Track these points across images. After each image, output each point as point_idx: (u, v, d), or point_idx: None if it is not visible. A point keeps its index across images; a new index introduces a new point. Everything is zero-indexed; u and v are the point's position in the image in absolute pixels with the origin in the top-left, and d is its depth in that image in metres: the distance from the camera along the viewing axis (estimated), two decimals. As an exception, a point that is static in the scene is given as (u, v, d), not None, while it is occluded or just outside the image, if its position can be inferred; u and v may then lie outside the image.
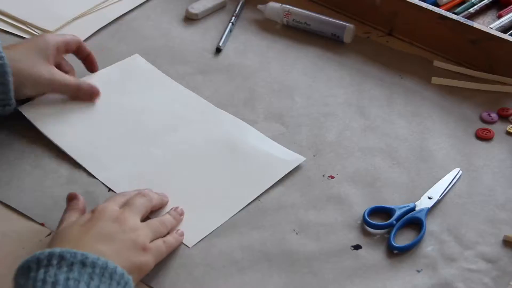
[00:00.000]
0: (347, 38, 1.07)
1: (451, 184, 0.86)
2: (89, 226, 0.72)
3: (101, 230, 0.71)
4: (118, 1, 1.13)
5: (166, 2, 1.15)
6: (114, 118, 0.93)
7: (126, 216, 0.74)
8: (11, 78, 0.85)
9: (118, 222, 0.73)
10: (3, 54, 0.84)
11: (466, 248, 0.80)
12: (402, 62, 1.05)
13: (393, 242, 0.79)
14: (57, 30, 1.05)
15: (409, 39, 1.09)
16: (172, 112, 0.94)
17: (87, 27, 1.07)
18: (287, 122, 0.94)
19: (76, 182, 0.85)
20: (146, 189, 0.81)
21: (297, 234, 0.81)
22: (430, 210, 0.83)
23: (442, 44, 1.05)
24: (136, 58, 1.02)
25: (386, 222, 0.81)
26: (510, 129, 0.94)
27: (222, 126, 0.93)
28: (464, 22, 1.02)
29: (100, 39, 1.06)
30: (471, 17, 1.10)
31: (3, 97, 0.85)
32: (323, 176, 0.87)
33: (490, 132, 0.94)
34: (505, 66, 1.01)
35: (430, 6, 1.05)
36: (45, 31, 1.05)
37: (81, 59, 0.97)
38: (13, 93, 0.86)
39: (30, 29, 1.06)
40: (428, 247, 0.79)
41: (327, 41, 1.08)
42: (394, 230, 0.80)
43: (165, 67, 1.01)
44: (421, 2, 1.06)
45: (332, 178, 0.87)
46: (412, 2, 1.06)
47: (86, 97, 0.93)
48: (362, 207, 0.83)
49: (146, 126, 0.92)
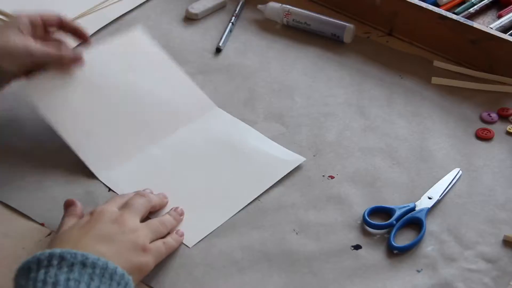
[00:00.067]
0: (347, 38, 1.07)
1: (451, 184, 0.86)
2: (88, 228, 0.72)
3: (100, 231, 0.71)
4: (118, 1, 1.13)
5: (166, 2, 1.15)
6: (114, 107, 0.90)
7: (125, 217, 0.74)
8: None
9: (117, 223, 0.73)
10: None
11: (466, 248, 0.80)
12: (402, 62, 1.05)
13: (393, 242, 0.79)
14: (57, 30, 1.05)
15: (409, 39, 1.09)
16: (171, 106, 0.93)
17: (87, 27, 1.06)
18: (287, 122, 0.94)
19: (76, 182, 0.85)
20: (146, 189, 0.81)
21: (297, 234, 0.81)
22: (430, 210, 0.83)
23: (442, 44, 1.05)
24: (138, 31, 0.96)
25: (386, 222, 0.81)
26: (510, 129, 0.94)
27: (222, 126, 0.93)
28: (464, 22, 1.02)
29: (100, 39, 1.05)
30: (471, 17, 1.10)
31: None
32: (323, 176, 0.87)
33: (490, 132, 0.94)
34: (505, 66, 1.01)
35: (430, 6, 1.05)
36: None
37: (70, 34, 0.92)
38: None
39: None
40: (428, 247, 0.79)
41: (327, 41, 1.08)
42: (394, 230, 0.80)
43: (165, 67, 1.01)
44: (421, 2, 1.06)
45: (332, 178, 0.87)
46: (412, 2, 1.06)
47: (70, 65, 0.88)
48: (362, 207, 0.83)
49: (146, 122, 0.90)
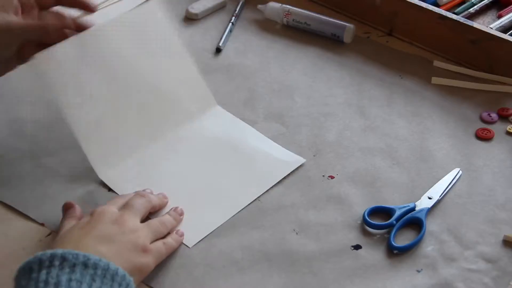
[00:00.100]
0: (347, 38, 1.07)
1: (451, 184, 0.86)
2: (88, 228, 0.72)
3: (101, 232, 0.71)
4: (118, 1, 1.13)
5: (166, 2, 1.14)
6: (122, 96, 0.87)
7: (125, 217, 0.74)
8: None
9: (117, 224, 0.73)
10: None
11: (466, 248, 0.80)
12: (402, 62, 1.05)
13: (393, 242, 0.79)
14: (57, 30, 1.05)
15: (409, 39, 1.09)
16: (176, 100, 0.92)
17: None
18: (287, 122, 0.94)
19: (76, 182, 0.84)
20: (146, 189, 0.81)
21: (297, 234, 0.81)
22: (430, 210, 0.83)
23: (442, 44, 1.05)
24: (154, 3, 0.92)
25: (386, 222, 0.81)
26: (510, 129, 0.94)
27: (223, 126, 0.93)
28: (464, 22, 1.02)
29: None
30: (471, 17, 1.10)
31: None
32: (323, 176, 0.87)
33: (490, 132, 0.94)
34: (505, 66, 1.01)
35: (430, 6, 1.05)
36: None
37: (73, 7, 0.85)
38: None
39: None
40: (428, 247, 0.79)
41: (327, 41, 1.08)
42: (394, 230, 0.80)
43: (165, 67, 1.01)
44: (421, 2, 1.06)
45: (332, 178, 0.87)
46: (412, 2, 1.06)
47: (56, 37, 0.81)
48: (362, 207, 0.83)
49: (149, 117, 0.89)
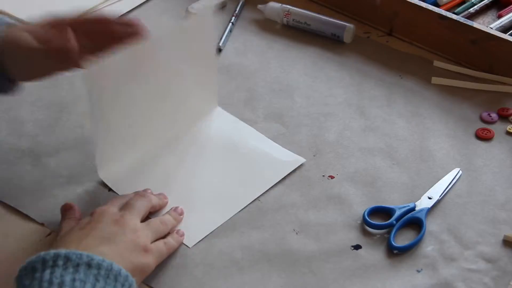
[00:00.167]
0: (347, 38, 1.07)
1: (451, 184, 0.86)
2: (89, 229, 0.72)
3: (101, 232, 0.71)
4: (118, 1, 1.13)
5: (166, 2, 1.15)
6: (144, 99, 0.84)
7: (126, 218, 0.74)
8: None
9: (118, 224, 0.73)
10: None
11: (466, 248, 0.80)
12: (402, 62, 1.05)
13: (393, 242, 0.79)
14: (57, 30, 1.05)
15: (409, 39, 1.09)
16: (184, 103, 0.90)
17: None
18: (287, 122, 0.94)
19: (76, 182, 0.84)
20: (146, 189, 0.81)
21: (297, 234, 0.81)
22: (430, 210, 0.83)
23: (442, 44, 1.05)
24: (208, 15, 0.88)
25: (386, 222, 0.81)
26: (510, 129, 0.94)
27: (223, 126, 0.93)
28: (464, 22, 1.02)
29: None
30: (471, 17, 1.10)
31: None
32: (323, 176, 0.87)
33: (490, 132, 0.94)
34: (505, 66, 1.01)
35: (430, 6, 1.05)
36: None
37: (112, 35, 0.76)
38: None
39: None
40: (428, 247, 0.79)
41: (327, 41, 1.08)
42: (394, 230, 0.80)
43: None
44: (421, 2, 1.06)
45: (332, 178, 0.87)
46: (412, 2, 1.06)
47: (60, 60, 0.76)
48: (362, 207, 0.83)
49: (158, 119, 0.88)
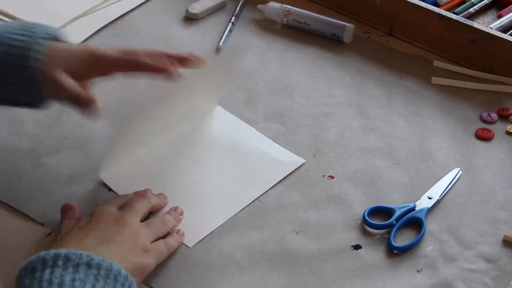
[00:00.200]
0: (347, 38, 1.07)
1: (451, 184, 0.86)
2: (89, 229, 0.72)
3: (101, 233, 0.71)
4: (118, 1, 1.13)
5: (166, 2, 1.15)
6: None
7: (126, 218, 0.74)
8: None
9: (118, 224, 0.73)
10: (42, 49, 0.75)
11: (466, 248, 0.80)
12: (402, 62, 1.05)
13: (393, 242, 0.79)
14: (57, 30, 1.05)
15: (409, 39, 1.09)
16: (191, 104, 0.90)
17: (87, 27, 1.07)
18: (287, 122, 0.94)
19: (76, 182, 0.84)
20: (146, 189, 0.81)
21: (297, 234, 0.81)
22: (430, 210, 0.83)
23: (442, 44, 1.05)
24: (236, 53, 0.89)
25: (386, 222, 0.81)
26: (510, 129, 0.94)
27: (223, 126, 0.93)
28: (464, 22, 1.02)
29: (100, 39, 1.05)
30: (471, 17, 1.10)
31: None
32: (323, 176, 0.87)
33: (490, 132, 0.94)
34: (505, 66, 1.01)
35: (430, 6, 1.05)
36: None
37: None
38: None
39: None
40: (428, 247, 0.79)
41: (327, 41, 1.08)
42: (394, 230, 0.80)
43: (165, 67, 1.01)
44: (421, 2, 1.06)
45: (332, 178, 0.87)
46: (412, 2, 1.06)
47: (80, 108, 0.76)
48: (362, 207, 0.83)
49: (161, 123, 0.87)
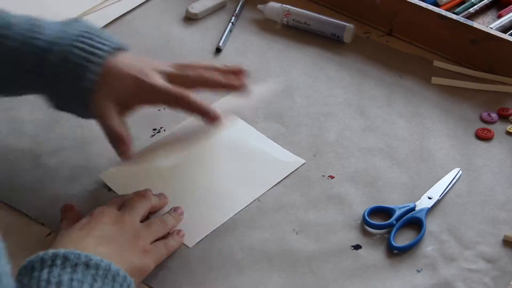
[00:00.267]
0: (347, 38, 1.07)
1: (451, 184, 0.86)
2: (89, 229, 0.72)
3: (101, 233, 0.71)
4: (118, 1, 1.13)
5: (166, 2, 1.15)
6: None
7: (125, 218, 0.74)
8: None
9: (117, 224, 0.73)
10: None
11: (466, 248, 0.80)
12: (402, 62, 1.05)
13: (393, 242, 0.79)
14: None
15: (409, 39, 1.09)
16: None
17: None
18: (287, 122, 0.94)
19: (76, 182, 0.84)
20: (146, 189, 0.81)
21: (297, 234, 0.81)
22: (430, 210, 0.83)
23: (442, 44, 1.05)
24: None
25: (386, 222, 0.81)
26: (510, 129, 0.94)
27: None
28: (464, 22, 1.02)
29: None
30: (471, 17, 1.10)
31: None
32: (323, 176, 0.87)
33: (490, 132, 0.94)
34: (505, 66, 1.01)
35: (430, 6, 1.05)
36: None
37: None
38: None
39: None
40: (428, 247, 0.79)
41: (327, 41, 1.08)
42: (394, 230, 0.80)
43: (165, 67, 1.01)
44: (421, 2, 1.06)
45: (332, 178, 0.87)
46: (412, 2, 1.06)
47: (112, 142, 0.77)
48: (362, 207, 0.83)
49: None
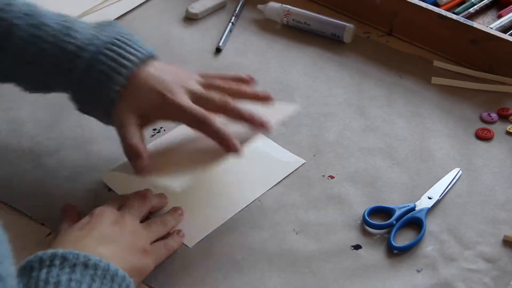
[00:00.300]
0: (347, 38, 1.07)
1: (451, 184, 0.86)
2: (88, 229, 0.72)
3: (100, 233, 0.71)
4: (118, 1, 1.13)
5: (166, 2, 1.15)
6: None
7: (125, 218, 0.74)
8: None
9: (117, 224, 0.73)
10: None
11: (466, 248, 0.80)
12: (402, 62, 1.05)
13: (393, 242, 0.79)
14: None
15: (409, 39, 1.09)
16: None
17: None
18: (287, 122, 0.94)
19: (76, 182, 0.84)
20: (146, 189, 0.81)
21: (297, 234, 0.81)
22: (430, 210, 0.83)
23: (442, 44, 1.05)
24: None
25: (386, 222, 0.81)
26: (510, 129, 0.94)
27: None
28: (464, 22, 1.02)
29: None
30: (471, 17, 1.10)
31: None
32: (323, 176, 0.87)
33: (490, 132, 0.94)
34: (505, 66, 1.01)
35: (430, 6, 1.05)
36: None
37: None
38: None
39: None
40: (428, 247, 0.79)
41: (327, 41, 1.08)
42: (394, 230, 0.80)
43: (165, 67, 1.01)
44: (421, 2, 1.06)
45: (332, 178, 0.87)
46: (412, 2, 1.06)
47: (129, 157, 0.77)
48: (362, 207, 0.83)
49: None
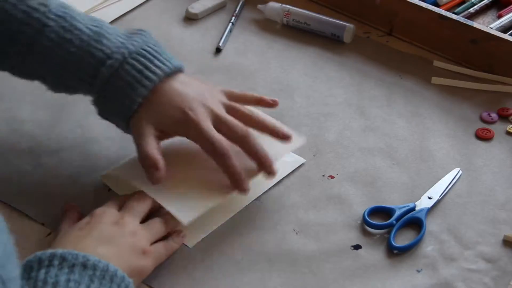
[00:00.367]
0: (347, 38, 1.07)
1: (451, 184, 0.86)
2: (88, 229, 0.72)
3: (100, 233, 0.71)
4: (118, 1, 1.13)
5: (166, 2, 1.15)
6: None
7: (125, 219, 0.74)
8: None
9: (117, 225, 0.73)
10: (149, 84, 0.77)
11: (466, 248, 0.80)
12: (402, 62, 1.05)
13: (393, 242, 0.79)
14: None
15: (409, 39, 1.09)
16: None
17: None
18: (287, 122, 0.94)
19: (76, 182, 0.84)
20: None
21: (297, 234, 0.81)
22: (430, 210, 0.83)
23: (442, 44, 1.05)
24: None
25: (386, 222, 0.81)
26: (510, 129, 0.94)
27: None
28: (464, 22, 1.02)
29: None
30: (471, 17, 1.10)
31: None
32: (323, 176, 0.87)
33: (490, 132, 0.94)
34: (505, 66, 1.01)
35: (430, 6, 1.05)
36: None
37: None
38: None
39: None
40: (428, 247, 0.79)
41: (327, 41, 1.08)
42: (394, 230, 0.80)
43: (165, 67, 1.01)
44: (421, 2, 1.06)
45: (332, 178, 0.87)
46: (412, 2, 1.06)
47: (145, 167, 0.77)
48: (362, 207, 0.83)
49: None
